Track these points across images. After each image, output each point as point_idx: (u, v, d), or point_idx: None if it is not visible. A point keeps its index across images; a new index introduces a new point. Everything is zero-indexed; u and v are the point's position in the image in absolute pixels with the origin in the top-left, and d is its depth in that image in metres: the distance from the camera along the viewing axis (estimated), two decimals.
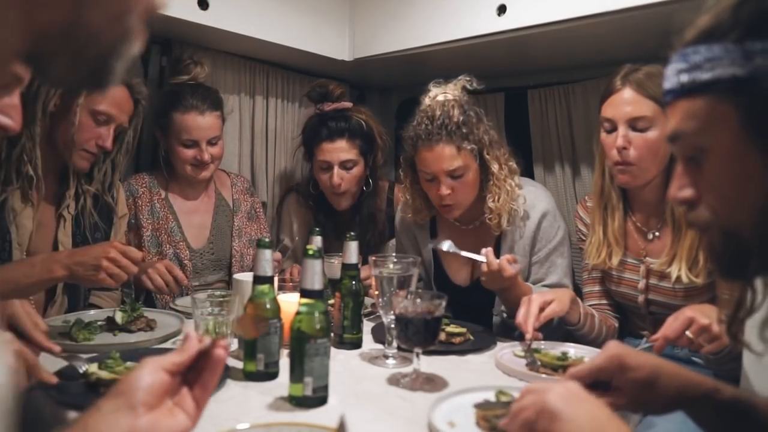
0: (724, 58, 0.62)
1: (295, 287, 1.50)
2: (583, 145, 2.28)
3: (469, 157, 1.67)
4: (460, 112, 1.66)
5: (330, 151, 2.12)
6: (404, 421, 1.02)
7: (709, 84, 0.63)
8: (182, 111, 1.93)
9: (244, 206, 2.20)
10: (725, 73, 0.62)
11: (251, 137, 2.47)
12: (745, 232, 0.65)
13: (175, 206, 2.06)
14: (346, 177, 2.13)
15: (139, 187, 2.00)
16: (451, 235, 1.83)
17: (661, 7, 1.55)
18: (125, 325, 1.46)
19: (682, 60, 0.66)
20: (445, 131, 1.64)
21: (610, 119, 1.52)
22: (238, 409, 1.04)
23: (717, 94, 0.63)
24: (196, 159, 1.96)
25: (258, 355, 1.18)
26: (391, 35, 2.22)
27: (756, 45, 0.60)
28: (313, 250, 1.09)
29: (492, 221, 1.73)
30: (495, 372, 1.29)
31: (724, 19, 0.62)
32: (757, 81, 0.60)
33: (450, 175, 1.66)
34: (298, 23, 2.19)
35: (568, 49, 2.06)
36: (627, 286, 1.63)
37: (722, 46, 0.62)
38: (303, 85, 2.63)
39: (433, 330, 1.17)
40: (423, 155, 1.68)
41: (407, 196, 1.85)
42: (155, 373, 0.70)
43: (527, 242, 1.76)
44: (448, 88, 1.73)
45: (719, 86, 0.63)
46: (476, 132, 1.67)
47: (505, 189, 1.70)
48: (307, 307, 1.07)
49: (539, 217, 1.75)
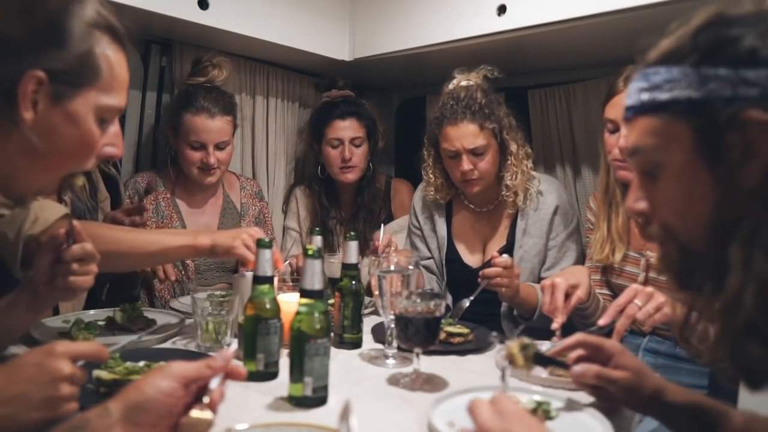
0: (681, 81, 0.66)
1: (294, 287, 1.51)
2: (584, 145, 2.28)
3: (490, 137, 1.79)
4: (483, 95, 1.80)
5: (342, 129, 2.30)
6: (404, 421, 1.02)
7: (667, 104, 0.67)
8: (192, 112, 1.94)
9: (252, 210, 2.21)
10: (682, 94, 0.66)
11: (251, 137, 2.47)
12: (695, 247, 0.69)
13: (181, 206, 2.07)
14: (355, 152, 2.30)
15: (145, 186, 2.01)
16: (466, 217, 1.97)
17: (661, 7, 1.55)
18: (125, 325, 1.46)
19: (643, 79, 0.70)
20: (469, 111, 1.77)
21: (613, 120, 1.56)
22: (238, 409, 1.04)
23: (673, 113, 0.67)
24: (202, 162, 1.96)
25: (258, 355, 1.18)
26: (391, 35, 2.22)
27: (711, 70, 0.64)
28: (313, 250, 1.09)
29: (508, 199, 1.84)
30: (495, 372, 1.29)
31: (684, 43, 0.67)
32: (710, 104, 0.63)
33: (472, 153, 1.78)
34: (298, 23, 2.19)
35: (568, 49, 2.06)
36: (627, 278, 1.65)
37: (681, 69, 0.66)
38: (303, 85, 2.64)
39: (433, 330, 1.17)
40: (447, 132, 1.79)
41: (429, 175, 1.95)
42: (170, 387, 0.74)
43: (544, 225, 1.85)
44: (471, 75, 1.85)
45: (676, 106, 0.66)
46: (497, 113, 1.81)
47: (522, 169, 1.83)
48: (307, 307, 1.07)
49: (557, 201, 1.85)
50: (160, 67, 2.20)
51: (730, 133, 0.62)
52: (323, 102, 2.41)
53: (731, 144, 0.63)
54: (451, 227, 2.00)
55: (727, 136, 0.63)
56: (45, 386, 0.79)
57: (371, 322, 1.60)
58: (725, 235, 0.64)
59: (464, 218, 1.97)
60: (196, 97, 1.95)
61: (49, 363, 0.80)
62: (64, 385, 0.80)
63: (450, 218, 2.01)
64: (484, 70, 1.84)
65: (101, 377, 1.04)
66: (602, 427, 0.96)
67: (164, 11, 1.78)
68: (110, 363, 1.08)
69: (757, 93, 0.61)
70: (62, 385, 0.80)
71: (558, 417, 1.01)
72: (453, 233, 1.99)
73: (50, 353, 0.81)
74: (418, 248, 2.05)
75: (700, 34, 0.66)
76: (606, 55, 2.03)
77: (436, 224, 2.01)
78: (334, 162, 2.31)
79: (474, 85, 1.83)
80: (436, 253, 2.01)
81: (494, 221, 1.94)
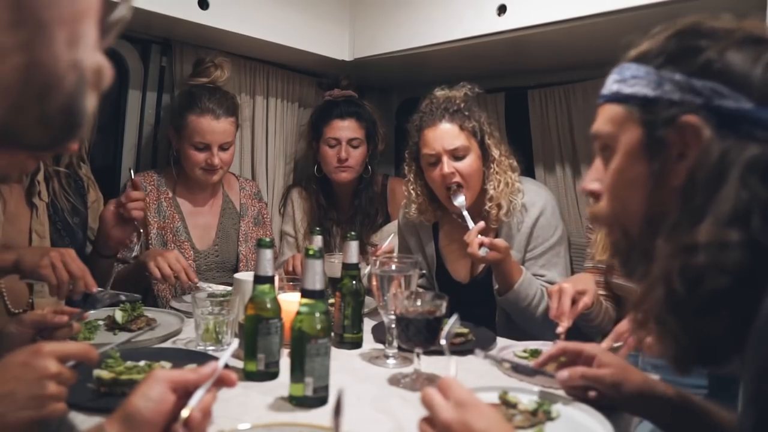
0: (644, 79, 0.72)
1: (295, 286, 1.51)
2: (584, 145, 2.28)
3: (470, 137, 1.75)
4: (462, 100, 1.79)
5: (340, 128, 2.29)
6: (404, 421, 1.02)
7: (628, 97, 0.74)
8: (197, 113, 1.93)
9: (251, 211, 2.21)
10: (641, 91, 0.72)
11: (251, 137, 2.47)
12: (632, 234, 0.75)
13: (182, 206, 2.07)
14: (352, 153, 2.29)
15: (147, 185, 2.01)
16: (452, 233, 1.88)
17: (661, 8, 1.55)
18: (125, 325, 1.46)
19: (618, 72, 0.77)
20: (447, 112, 1.75)
21: None
22: (239, 409, 1.04)
23: (630, 107, 0.73)
24: (206, 163, 1.95)
25: (258, 355, 1.18)
26: (391, 35, 2.22)
27: (668, 74, 0.69)
28: (314, 250, 1.09)
29: (491, 210, 1.78)
30: (495, 372, 1.29)
31: (656, 46, 0.73)
32: (659, 103, 0.69)
33: (452, 155, 1.73)
34: (298, 23, 2.19)
35: (568, 49, 2.06)
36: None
37: (646, 68, 0.72)
38: (303, 85, 2.64)
39: (433, 330, 1.17)
40: (426, 136, 1.76)
41: (411, 191, 1.88)
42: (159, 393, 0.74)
43: (523, 238, 1.80)
44: (452, 92, 1.82)
45: (634, 101, 0.73)
46: (476, 116, 1.78)
47: (505, 179, 1.77)
48: (308, 307, 1.07)
49: (537, 214, 1.79)
50: (160, 67, 2.20)
51: (668, 132, 0.68)
52: (324, 101, 2.40)
53: (669, 143, 0.68)
54: (440, 245, 1.95)
55: (665, 135, 0.68)
56: (31, 385, 0.79)
57: (371, 322, 1.60)
58: (654, 226, 0.70)
59: (451, 235, 1.89)
60: (201, 99, 1.94)
61: (36, 362, 0.81)
62: (50, 384, 0.80)
63: (437, 236, 1.96)
64: (466, 87, 1.81)
65: (101, 376, 1.04)
66: (602, 427, 0.96)
67: (164, 11, 1.77)
68: (110, 362, 1.09)
69: (700, 102, 0.66)
70: (49, 384, 0.80)
71: (558, 417, 1.02)
72: (442, 251, 1.94)
73: (37, 353, 0.82)
74: None
75: (671, 40, 0.72)
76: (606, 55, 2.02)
77: (425, 246, 1.96)
78: (330, 161, 2.30)
79: (454, 95, 1.80)
80: (427, 271, 1.98)
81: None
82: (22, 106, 0.43)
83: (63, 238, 1.65)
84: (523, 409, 1.01)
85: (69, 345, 0.87)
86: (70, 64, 0.44)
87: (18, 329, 1.09)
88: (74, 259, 1.39)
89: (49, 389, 0.80)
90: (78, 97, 0.46)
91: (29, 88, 0.43)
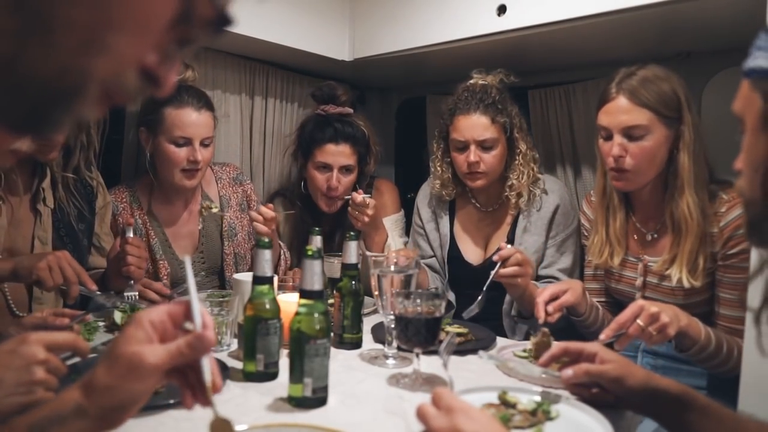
0: (765, 51, 0.65)
1: (295, 287, 1.50)
2: (584, 145, 2.28)
3: (500, 131, 1.84)
4: (497, 92, 1.86)
5: (333, 154, 2.11)
6: (404, 421, 1.02)
7: (751, 71, 0.67)
8: (176, 106, 1.79)
9: (234, 199, 2.08)
10: (761, 64, 0.65)
11: (250, 137, 2.47)
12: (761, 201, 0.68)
13: (160, 218, 1.94)
14: (343, 181, 2.13)
15: (119, 203, 1.88)
16: (469, 215, 2.00)
17: (661, 7, 1.54)
18: (125, 325, 1.46)
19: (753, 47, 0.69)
20: (482, 103, 1.82)
21: (606, 128, 1.53)
22: (238, 409, 1.04)
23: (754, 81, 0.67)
24: (187, 161, 1.82)
25: (258, 355, 1.18)
26: (391, 35, 2.22)
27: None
28: (313, 251, 1.09)
29: (512, 199, 1.88)
30: (495, 372, 1.29)
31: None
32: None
33: (481, 145, 1.82)
34: (298, 23, 2.19)
35: (568, 49, 2.06)
36: (626, 283, 1.65)
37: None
38: (303, 85, 2.63)
39: (433, 330, 1.17)
40: (459, 122, 1.84)
41: (437, 167, 1.99)
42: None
43: (544, 223, 1.88)
44: (488, 77, 1.90)
45: (756, 74, 0.66)
46: (509, 110, 1.86)
47: (528, 171, 1.86)
48: (307, 307, 1.07)
49: (558, 201, 1.88)
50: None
51: None
52: (316, 114, 2.19)
53: None
54: (454, 225, 2.01)
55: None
56: (19, 371, 0.81)
57: (371, 322, 1.60)
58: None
59: (468, 216, 2.00)
60: (179, 92, 1.80)
61: (23, 349, 0.83)
62: (38, 370, 0.82)
63: (453, 216, 2.02)
64: (502, 73, 1.89)
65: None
66: (602, 427, 0.96)
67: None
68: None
69: None
70: (36, 369, 0.82)
71: (558, 417, 1.02)
72: (455, 231, 2.01)
73: (24, 340, 0.84)
74: (420, 247, 2.05)
75: None
76: (606, 55, 2.03)
77: (439, 222, 2.03)
78: (319, 186, 2.14)
79: (490, 84, 1.88)
80: (438, 251, 2.02)
81: (497, 220, 1.96)
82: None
83: (66, 245, 1.62)
84: (522, 409, 1.01)
85: (56, 334, 0.88)
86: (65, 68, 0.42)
87: (19, 332, 1.10)
88: (70, 262, 1.39)
89: (37, 375, 0.82)
90: (61, 101, 0.44)
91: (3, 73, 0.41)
